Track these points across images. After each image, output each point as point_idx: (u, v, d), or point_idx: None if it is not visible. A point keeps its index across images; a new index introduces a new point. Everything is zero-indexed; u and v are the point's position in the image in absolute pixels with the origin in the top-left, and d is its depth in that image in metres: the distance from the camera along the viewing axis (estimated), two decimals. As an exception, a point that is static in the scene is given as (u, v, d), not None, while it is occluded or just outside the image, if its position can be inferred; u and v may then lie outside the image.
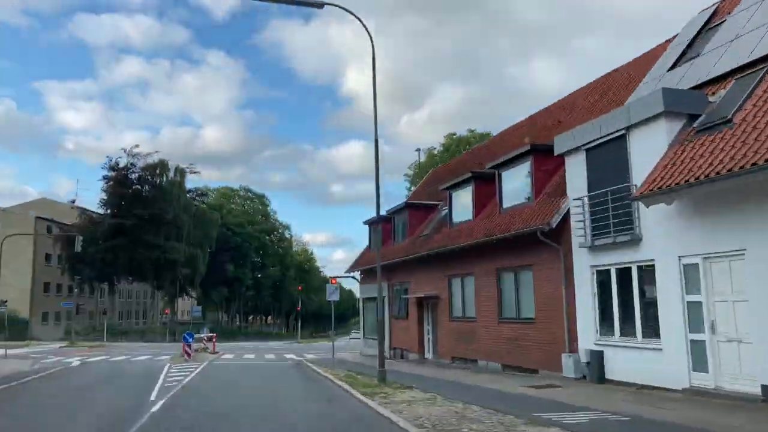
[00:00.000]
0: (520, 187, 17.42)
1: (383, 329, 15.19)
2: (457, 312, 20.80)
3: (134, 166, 61.91)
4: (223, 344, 53.79)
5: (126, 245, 57.22)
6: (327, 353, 35.48)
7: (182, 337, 27.06)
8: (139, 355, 32.44)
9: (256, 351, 38.42)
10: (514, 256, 17.10)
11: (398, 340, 26.01)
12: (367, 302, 30.55)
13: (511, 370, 17.13)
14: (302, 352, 37.11)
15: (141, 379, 18.34)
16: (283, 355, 33.30)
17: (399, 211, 26.65)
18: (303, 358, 29.53)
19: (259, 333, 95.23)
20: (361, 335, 31.56)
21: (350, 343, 52.94)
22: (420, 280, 23.77)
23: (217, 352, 33.62)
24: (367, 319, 30.69)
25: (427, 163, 66.50)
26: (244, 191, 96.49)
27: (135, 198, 60.87)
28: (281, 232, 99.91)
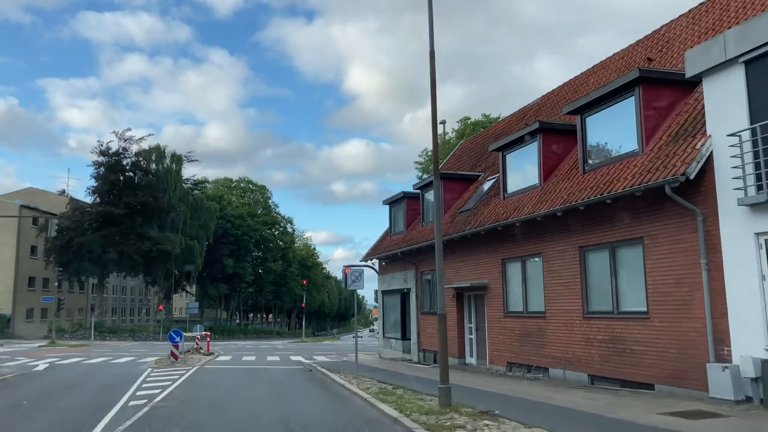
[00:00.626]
0: (617, 134, 12.82)
1: (443, 330, 10.64)
2: (516, 305, 16.23)
3: (126, 151, 57.29)
4: (221, 343, 49.34)
5: (115, 236, 52.59)
6: (338, 354, 30.96)
7: (168, 336, 22.49)
8: (122, 357, 27.99)
9: (257, 351, 33.89)
10: (610, 227, 12.53)
11: (430, 341, 21.47)
12: (388, 296, 26.01)
13: (604, 383, 12.56)
14: (309, 352, 32.59)
15: (105, 391, 13.81)
16: (288, 356, 28.76)
17: (430, 185, 22.04)
18: (312, 360, 24.98)
19: (259, 331, 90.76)
20: (380, 335, 26.99)
21: (366, 343, 48.61)
22: (459, 266, 19.21)
23: (211, 353, 29.07)
24: (387, 315, 26.16)
25: (442, 145, 61.94)
26: (244, 183, 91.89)
27: (127, 185, 56.22)
28: (283, 225, 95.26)
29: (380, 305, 26.85)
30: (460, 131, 61.58)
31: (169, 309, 67.87)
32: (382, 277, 26.61)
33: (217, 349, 36.01)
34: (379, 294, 27.40)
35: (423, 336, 22.07)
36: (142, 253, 53.52)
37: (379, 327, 27.30)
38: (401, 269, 24.17)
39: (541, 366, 14.82)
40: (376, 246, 26.92)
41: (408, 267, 23.36)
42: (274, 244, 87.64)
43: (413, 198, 24.26)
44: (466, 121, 62.12)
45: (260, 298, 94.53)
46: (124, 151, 57.23)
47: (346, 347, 41.67)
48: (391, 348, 25.15)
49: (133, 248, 52.96)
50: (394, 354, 24.60)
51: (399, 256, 22.94)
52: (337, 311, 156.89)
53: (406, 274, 23.60)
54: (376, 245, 27.05)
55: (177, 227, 61.01)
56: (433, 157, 11.33)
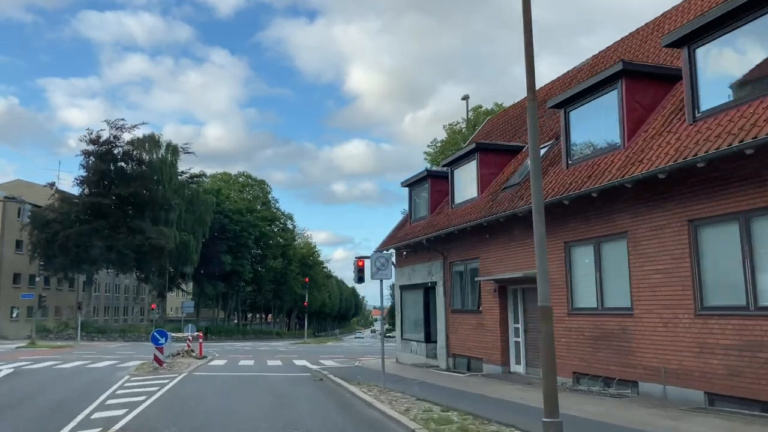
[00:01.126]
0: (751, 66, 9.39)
1: (549, 329, 7.22)
2: (586, 300, 12.81)
3: (118, 139, 53.81)
4: (217, 344, 45.87)
5: (105, 229, 49.14)
6: (346, 357, 27.53)
7: (150, 337, 19.03)
8: (104, 360, 24.63)
9: (256, 354, 30.47)
10: (744, 189, 9.11)
11: (461, 344, 18.04)
12: (407, 291, 22.59)
13: (731, 404, 9.13)
14: (314, 355, 29.18)
15: (55, 410, 10.39)
16: (291, 360, 25.34)
17: (462, 160, 18.62)
18: (320, 366, 21.56)
19: (258, 332, 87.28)
20: (397, 336, 23.54)
21: (371, 345, 44.84)
22: (502, 254, 15.79)
23: (204, 357, 25.63)
24: (406, 314, 22.73)
25: (450, 140, 58.57)
26: (243, 177, 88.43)
27: (118, 176, 52.75)
28: (283, 222, 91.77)
29: (397, 302, 23.42)
30: (472, 121, 58.19)
31: (163, 308, 64.38)
32: (400, 270, 23.19)
33: (212, 352, 32.59)
34: (395, 289, 23.97)
35: (453, 338, 18.63)
36: (134, 247, 50.07)
37: (396, 327, 23.87)
38: (424, 260, 20.76)
39: (627, 379, 11.39)
40: (393, 234, 23.50)
41: (434, 257, 19.94)
42: (274, 241, 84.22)
43: (439, 177, 20.86)
44: (477, 110, 58.72)
45: (259, 298, 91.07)
46: (116, 140, 53.80)
47: (353, 349, 38.22)
48: (411, 352, 21.72)
49: (123, 242, 49.52)
50: (416, 359, 21.19)
51: (424, 244, 19.51)
52: (338, 311, 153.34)
53: (431, 266, 20.18)
54: (393, 234, 23.63)
55: (171, 221, 57.56)
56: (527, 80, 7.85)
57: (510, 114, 22.85)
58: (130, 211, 54.21)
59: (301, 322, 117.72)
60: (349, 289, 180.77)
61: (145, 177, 54.38)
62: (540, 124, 17.67)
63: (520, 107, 21.60)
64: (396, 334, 23.74)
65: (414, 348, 21.48)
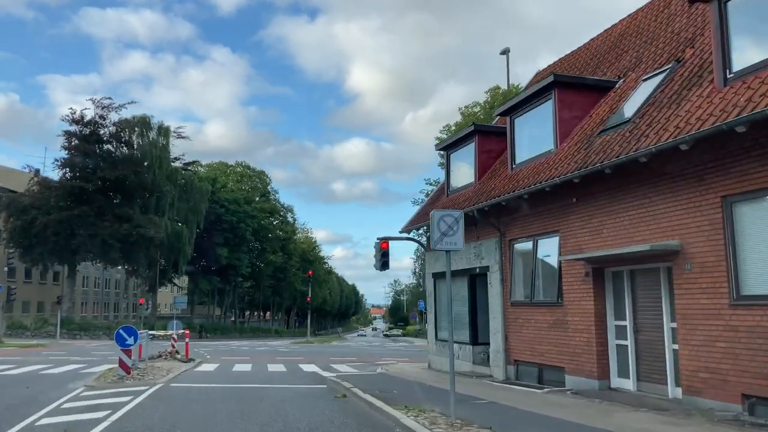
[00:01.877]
0: None
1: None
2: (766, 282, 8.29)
3: (105, 119, 49.21)
4: (212, 344, 41.05)
5: (87, 216, 44.51)
6: (360, 361, 23.04)
7: (114, 335, 14.47)
8: (69, 363, 20.36)
9: (254, 356, 25.97)
10: None
11: (528, 348, 13.53)
12: (441, 280, 18.07)
13: None
14: (322, 358, 24.70)
15: None
16: (296, 364, 20.84)
17: (528, 105, 14.08)
18: (334, 373, 17.11)
19: (256, 330, 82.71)
20: (430, 336, 18.92)
21: (382, 345, 40.03)
22: (598, 222, 11.29)
23: (191, 360, 21.15)
24: (441, 308, 18.17)
25: (467, 122, 54.03)
26: (241, 167, 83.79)
27: (103, 159, 48.14)
28: (283, 214, 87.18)
29: (430, 294, 18.82)
30: (489, 103, 53.68)
31: (154, 304, 59.82)
32: (431, 253, 18.68)
33: (203, 353, 28.11)
34: (426, 278, 19.40)
35: (515, 340, 14.10)
36: (120, 237, 45.46)
37: (427, 325, 19.23)
38: (469, 239, 16.24)
39: None
40: (425, 210, 18.95)
41: (485, 235, 15.46)
42: (273, 234, 79.64)
43: (490, 134, 16.37)
44: (496, 91, 54.19)
45: (258, 294, 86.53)
46: (102, 120, 49.22)
47: (363, 350, 33.68)
48: (446, 356, 17.17)
49: (108, 231, 44.93)
50: (456, 365, 16.66)
51: (474, 216, 14.97)
52: (339, 309, 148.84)
53: (480, 247, 15.67)
54: (425, 209, 19.10)
55: (163, 209, 53.05)
56: None
57: (576, 58, 18.22)
58: (117, 198, 49.66)
59: (301, 320, 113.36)
60: (350, 286, 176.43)
61: (134, 161, 49.83)
62: (615, 65, 13.18)
63: (598, 43, 16.94)
64: (428, 335, 19.16)
65: (455, 352, 16.95)
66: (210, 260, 64.00)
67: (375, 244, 19.02)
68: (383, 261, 18.63)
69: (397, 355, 28.92)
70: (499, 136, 16.28)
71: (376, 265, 18.93)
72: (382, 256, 18.60)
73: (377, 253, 18.78)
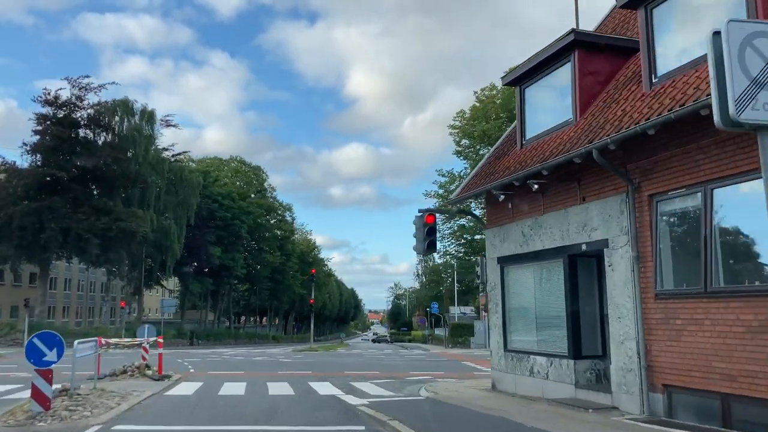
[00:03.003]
0: None
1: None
2: None
3: (82, 101, 43.83)
4: (202, 352, 35.10)
5: (60, 207, 39.13)
6: (389, 377, 17.79)
7: (26, 348, 9.20)
8: (2, 383, 15.10)
9: (250, 368, 20.63)
10: None
11: (695, 366, 8.29)
12: (516, 266, 12.82)
13: None
14: (335, 372, 19.42)
15: None
16: (305, 382, 15.51)
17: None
18: (363, 396, 11.90)
19: (252, 335, 77.27)
20: (495, 343, 13.49)
21: (392, 354, 34.09)
22: None
23: (165, 377, 15.85)
24: (513, 306, 12.86)
25: (484, 106, 48.86)
26: (236, 162, 78.39)
27: (80, 145, 42.81)
28: (281, 213, 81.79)
29: (494, 286, 13.46)
30: (510, 83, 48.36)
31: (140, 307, 54.32)
32: (494, 230, 13.43)
33: (188, 364, 22.80)
34: (487, 265, 14.05)
35: (666, 352, 8.82)
36: (97, 231, 40.05)
37: (490, 329, 13.81)
38: (566, 202, 11.07)
39: None
40: (484, 172, 13.69)
41: (597, 191, 10.26)
42: (270, 233, 74.29)
43: (597, 50, 11.17)
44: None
45: (254, 298, 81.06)
46: (79, 101, 43.85)
47: (377, 359, 28.26)
48: (531, 374, 11.92)
49: (84, 225, 39.54)
50: (540, 386, 11.47)
51: (573, 168, 9.76)
52: (338, 314, 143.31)
53: (589, 211, 10.45)
54: (483, 171, 13.83)
55: (148, 202, 47.70)
56: None
57: None
58: (96, 189, 44.31)
59: (300, 326, 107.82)
60: (349, 290, 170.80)
61: (114, 147, 44.47)
62: None
63: None
64: (491, 343, 13.78)
65: (539, 368, 11.68)
66: (202, 260, 58.54)
67: (416, 219, 13.82)
68: (429, 240, 13.43)
69: (425, 367, 23.67)
70: (611, 51, 11.12)
71: (418, 246, 13.71)
72: (428, 234, 13.41)
73: (420, 230, 13.58)
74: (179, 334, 55.29)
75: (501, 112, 47.18)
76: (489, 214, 13.84)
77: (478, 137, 47.19)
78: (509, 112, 47.77)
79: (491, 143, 47.69)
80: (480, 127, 46.66)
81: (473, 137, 48.00)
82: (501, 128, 46.12)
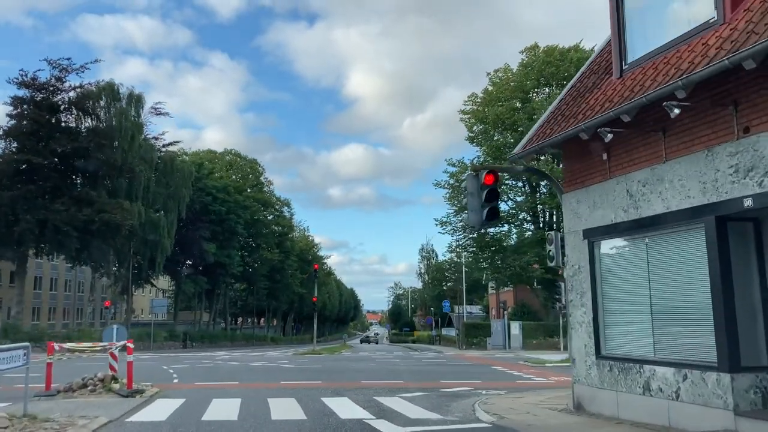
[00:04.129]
0: None
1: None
2: None
3: (62, 82, 40.17)
4: (194, 355, 31.11)
5: (36, 197, 35.53)
6: (420, 385, 14.23)
7: None
8: None
9: (246, 377, 16.96)
10: None
11: None
12: (609, 240, 9.24)
13: None
14: (348, 380, 15.86)
15: None
16: (320, 399, 11.88)
17: None
18: (404, 421, 8.27)
19: (250, 337, 73.66)
20: (583, 349, 9.89)
21: (404, 357, 29.93)
22: None
23: (136, 391, 12.24)
24: (607, 292, 9.31)
25: (498, 90, 45.26)
26: (231, 156, 74.71)
27: (59, 130, 39.14)
28: (279, 208, 78.14)
29: (577, 268, 9.82)
30: (528, 62, 44.88)
31: (129, 307, 50.58)
32: (578, 194, 9.85)
33: (172, 372, 19.16)
34: (569, 239, 10.39)
35: None
36: (78, 223, 36.41)
37: (575, 329, 10.19)
38: (714, 138, 7.46)
39: None
40: (566, 111, 10.06)
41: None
42: (268, 229, 70.64)
43: None
44: (534, 50, 45.46)
45: (251, 298, 77.37)
46: (59, 83, 40.21)
47: (396, 366, 24.53)
48: (645, 390, 8.34)
49: (63, 216, 35.89)
50: (672, 410, 7.86)
51: (727, 88, 6.19)
52: (338, 314, 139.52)
53: (752, 150, 6.85)
54: (563, 110, 10.20)
55: (136, 193, 44.03)
56: None
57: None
58: (78, 178, 40.68)
59: (299, 326, 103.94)
60: (348, 290, 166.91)
61: (98, 133, 40.85)
62: None
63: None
64: (573, 346, 10.15)
65: (661, 383, 8.09)
66: (195, 257, 55.03)
67: (468, 181, 10.30)
68: (490, 208, 9.87)
69: (454, 373, 20.13)
70: None
71: (472, 217, 10.18)
72: (488, 198, 9.84)
73: (474, 195, 10.04)
74: (171, 336, 51.64)
75: (516, 94, 43.71)
76: (569, 172, 10.26)
77: (492, 122, 43.67)
78: (524, 94, 44.45)
79: (506, 128, 44.36)
80: (494, 110, 43.11)
81: (487, 122, 44.46)
82: (515, 112, 42.75)
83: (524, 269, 43.16)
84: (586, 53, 43.09)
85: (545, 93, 44.38)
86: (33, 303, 60.33)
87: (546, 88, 44.45)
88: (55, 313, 65.68)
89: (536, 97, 44.35)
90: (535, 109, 40.67)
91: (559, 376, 18.69)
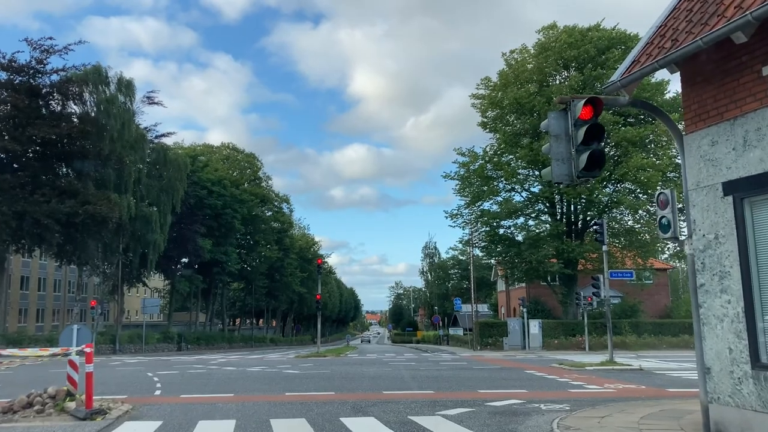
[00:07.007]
0: None
1: None
2: None
3: (44, 65, 37.15)
4: (188, 359, 27.87)
5: (13, 187, 32.51)
6: (449, 393, 11.23)
7: None
8: None
9: (243, 386, 13.91)
10: None
11: None
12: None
13: None
14: (367, 390, 12.91)
15: None
16: (339, 421, 8.94)
17: None
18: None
19: (248, 339, 70.76)
20: (727, 353, 6.97)
21: (417, 359, 26.71)
22: None
23: (99, 412, 9.23)
24: (766, 280, 6.41)
25: (514, 71, 42.29)
26: (228, 150, 71.69)
27: (39, 116, 36.06)
28: (278, 204, 75.15)
29: (712, 236, 6.92)
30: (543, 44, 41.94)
31: (119, 307, 47.50)
32: (711, 131, 6.89)
33: (156, 381, 16.15)
34: (697, 197, 7.41)
35: None
36: (60, 216, 33.38)
37: (710, 327, 7.29)
38: None
39: None
40: (689, 17, 7.11)
41: None
42: (266, 225, 67.65)
43: None
44: (551, 30, 42.52)
45: (249, 297, 74.36)
46: (41, 65, 37.16)
47: (411, 370, 21.47)
48: None
49: (43, 208, 32.84)
50: None
51: None
52: (338, 314, 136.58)
53: None
54: (684, 16, 7.26)
55: (126, 185, 40.99)
56: None
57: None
58: (60, 166, 37.71)
59: (299, 327, 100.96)
60: (349, 290, 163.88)
61: (83, 120, 37.82)
62: None
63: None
64: (710, 348, 7.20)
65: None
66: (190, 254, 51.94)
67: (549, 118, 7.34)
68: (592, 151, 6.90)
69: (488, 380, 17.19)
70: None
71: (559, 170, 7.23)
72: (587, 138, 6.86)
73: (561, 137, 7.08)
74: (165, 337, 48.68)
75: (533, 77, 40.77)
76: (696, 103, 7.28)
77: (508, 106, 40.70)
78: (543, 76, 41.55)
79: (525, 112, 41.43)
80: (511, 94, 40.11)
81: (502, 106, 41.48)
82: (534, 96, 39.81)
83: (541, 263, 40.31)
84: (608, 32, 40.37)
85: (564, 76, 41.56)
86: (20, 304, 57.33)
87: (565, 71, 41.62)
88: (45, 315, 62.64)
89: (554, 82, 41.53)
90: (553, 93, 37.85)
91: (614, 382, 15.74)
